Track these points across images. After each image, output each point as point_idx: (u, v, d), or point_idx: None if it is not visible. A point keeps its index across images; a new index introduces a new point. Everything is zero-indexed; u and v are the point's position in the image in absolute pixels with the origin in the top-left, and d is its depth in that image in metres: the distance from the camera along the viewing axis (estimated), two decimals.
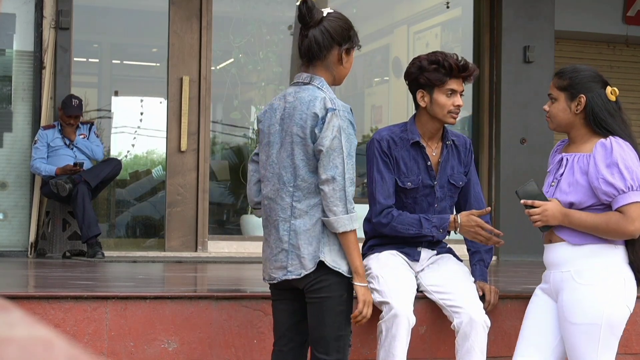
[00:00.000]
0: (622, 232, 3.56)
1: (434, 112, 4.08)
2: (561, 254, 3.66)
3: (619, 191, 3.54)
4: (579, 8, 9.84)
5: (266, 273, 3.54)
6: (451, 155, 4.21)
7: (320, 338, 3.41)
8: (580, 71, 3.71)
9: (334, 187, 3.30)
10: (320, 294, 3.37)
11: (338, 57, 3.44)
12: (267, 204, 3.49)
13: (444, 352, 4.27)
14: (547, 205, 3.62)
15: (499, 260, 8.98)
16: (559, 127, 3.75)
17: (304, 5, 3.40)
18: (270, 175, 3.47)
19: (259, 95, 9.66)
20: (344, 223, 3.31)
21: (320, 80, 3.41)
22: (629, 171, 3.54)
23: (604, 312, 3.55)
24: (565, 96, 3.69)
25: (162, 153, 9.25)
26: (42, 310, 3.87)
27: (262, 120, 3.55)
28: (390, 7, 10.53)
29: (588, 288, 3.58)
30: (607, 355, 3.59)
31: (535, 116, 9.22)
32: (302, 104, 3.37)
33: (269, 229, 3.50)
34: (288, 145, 3.40)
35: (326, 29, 3.40)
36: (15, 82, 8.46)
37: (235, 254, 8.59)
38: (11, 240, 8.34)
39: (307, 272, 3.36)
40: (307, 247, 3.36)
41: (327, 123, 3.31)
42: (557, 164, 3.75)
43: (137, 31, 10.26)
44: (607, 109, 3.65)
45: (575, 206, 3.63)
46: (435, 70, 4.04)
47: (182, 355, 4.02)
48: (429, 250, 4.22)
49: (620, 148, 3.57)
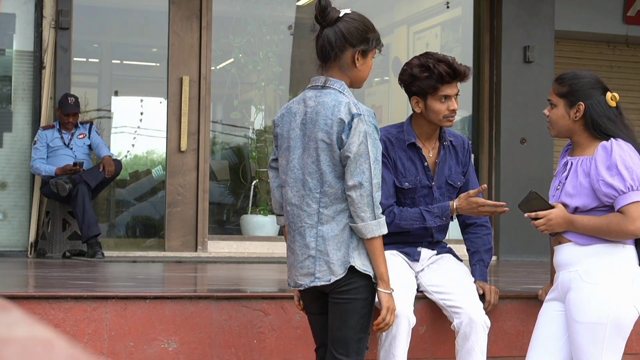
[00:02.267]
0: (624, 232, 3.57)
1: (429, 118, 4.07)
2: (569, 255, 3.68)
3: (619, 192, 3.55)
4: (579, 8, 9.84)
5: (291, 279, 3.48)
6: (449, 156, 4.20)
7: (342, 339, 3.38)
8: (579, 78, 3.71)
9: (362, 192, 3.26)
10: (347, 295, 3.34)
11: (352, 59, 3.36)
12: (290, 210, 3.43)
13: (444, 352, 4.27)
14: (550, 214, 3.65)
15: (499, 260, 8.98)
16: (560, 133, 3.77)
17: (319, 4, 3.35)
18: (292, 180, 3.41)
19: (259, 95, 9.65)
20: (372, 229, 3.29)
21: (341, 83, 3.36)
22: (629, 171, 3.55)
23: (610, 311, 3.55)
24: (565, 103, 3.70)
25: (162, 153, 9.25)
26: (42, 310, 3.87)
27: (280, 124, 3.47)
28: (390, 7, 10.53)
29: (595, 287, 3.58)
30: (611, 356, 3.57)
31: (535, 116, 9.22)
32: (326, 109, 3.32)
33: (293, 235, 3.43)
34: (313, 151, 3.34)
35: (340, 29, 3.34)
36: (15, 82, 8.46)
37: (235, 254, 8.59)
38: (11, 240, 8.34)
39: (337, 277, 3.32)
40: (335, 253, 3.32)
41: (354, 129, 3.26)
42: (563, 167, 3.77)
43: (137, 31, 10.26)
44: (606, 116, 3.66)
45: (580, 209, 3.65)
46: (427, 78, 3.99)
47: (182, 355, 4.02)
48: (429, 250, 4.21)
49: (620, 149, 3.58)
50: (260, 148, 9.44)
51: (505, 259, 8.99)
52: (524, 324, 4.40)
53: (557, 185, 3.76)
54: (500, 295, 4.32)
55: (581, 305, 3.59)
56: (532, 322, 4.35)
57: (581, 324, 3.58)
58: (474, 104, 9.53)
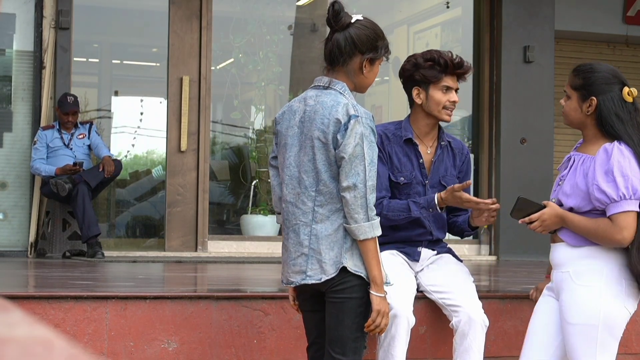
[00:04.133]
0: (610, 240, 3.55)
1: (429, 109, 4.10)
2: (562, 255, 3.67)
3: (611, 199, 3.51)
4: (579, 8, 9.83)
5: (284, 276, 3.49)
6: (446, 156, 4.22)
7: (339, 338, 3.39)
8: (595, 72, 3.65)
9: (355, 194, 3.27)
10: (343, 294, 3.35)
11: (359, 66, 3.37)
12: (286, 207, 3.45)
13: (444, 352, 4.27)
14: (543, 214, 3.63)
15: (499, 260, 8.98)
16: (571, 124, 3.73)
17: (332, 8, 3.35)
18: (288, 178, 3.42)
19: (259, 95, 9.65)
20: (365, 230, 3.29)
21: (342, 85, 3.37)
22: (625, 179, 3.51)
23: (600, 312, 3.54)
24: (578, 96, 3.65)
25: (162, 153, 9.25)
26: (42, 310, 3.87)
27: (281, 121, 3.48)
28: (390, 7, 10.53)
29: (585, 289, 3.58)
30: (605, 357, 3.58)
31: (536, 116, 9.22)
32: (324, 109, 3.33)
33: (287, 232, 3.45)
34: (309, 150, 3.36)
35: (350, 35, 3.34)
36: (15, 82, 8.46)
37: (235, 254, 8.59)
38: (11, 240, 8.34)
39: (327, 277, 3.33)
40: (328, 252, 3.33)
41: (350, 130, 3.27)
42: (566, 162, 3.75)
43: (137, 31, 10.27)
44: (616, 113, 3.59)
45: (574, 210, 3.63)
46: (430, 67, 4.09)
47: (182, 355, 4.02)
48: (429, 250, 4.22)
49: (621, 155, 3.53)
50: (260, 148, 9.44)
51: (505, 259, 8.99)
52: (524, 324, 4.40)
53: (559, 181, 3.75)
54: (500, 295, 4.32)
55: (572, 307, 3.59)
56: None
57: (573, 326, 3.58)
58: (474, 104, 9.53)
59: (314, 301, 3.48)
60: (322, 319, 3.47)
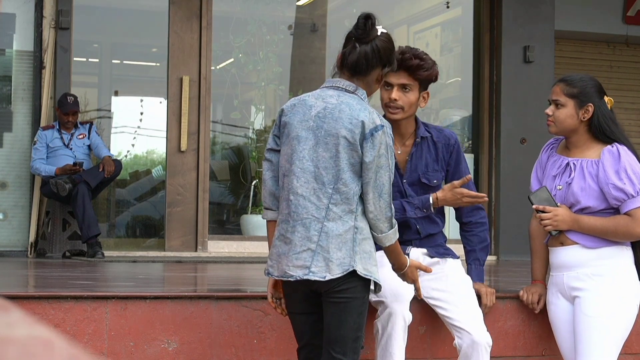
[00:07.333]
0: (631, 234, 3.82)
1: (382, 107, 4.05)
2: (577, 257, 3.88)
3: (629, 195, 3.77)
4: (579, 8, 9.84)
5: (278, 269, 3.42)
6: (426, 152, 4.07)
7: (340, 338, 3.38)
8: (587, 80, 3.92)
9: (381, 205, 3.36)
10: (346, 294, 3.35)
11: (377, 77, 3.47)
12: (295, 200, 3.40)
13: (444, 352, 4.27)
14: (557, 210, 3.85)
15: (499, 260, 8.98)
16: (562, 131, 3.93)
17: (369, 21, 3.43)
18: (300, 170, 3.39)
19: (259, 95, 9.65)
20: (390, 238, 3.43)
21: (364, 93, 3.45)
22: (637, 176, 3.79)
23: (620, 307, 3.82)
24: (575, 103, 3.87)
25: (162, 153, 9.25)
26: (42, 310, 3.87)
27: (289, 113, 3.46)
28: (390, 7, 10.53)
29: (606, 285, 3.83)
30: (615, 351, 3.82)
31: (536, 116, 9.22)
32: (352, 110, 3.36)
33: (294, 225, 3.39)
34: (332, 147, 3.36)
35: (378, 47, 3.42)
36: (15, 82, 8.46)
37: (235, 254, 8.59)
38: (11, 240, 8.34)
39: (332, 277, 3.32)
40: (336, 252, 3.33)
41: (377, 140, 3.33)
42: (564, 168, 3.93)
43: (137, 31, 10.27)
44: (610, 118, 3.88)
45: (588, 210, 3.85)
46: None
47: (182, 355, 4.02)
48: (420, 249, 4.11)
49: (627, 154, 3.81)
50: (261, 148, 9.43)
51: (505, 259, 8.98)
52: (524, 324, 4.40)
53: (559, 184, 3.89)
54: (501, 295, 4.32)
55: (593, 300, 3.83)
56: (532, 322, 4.37)
57: (592, 318, 3.80)
58: (474, 104, 9.53)
59: (308, 303, 3.45)
60: (317, 321, 3.46)
